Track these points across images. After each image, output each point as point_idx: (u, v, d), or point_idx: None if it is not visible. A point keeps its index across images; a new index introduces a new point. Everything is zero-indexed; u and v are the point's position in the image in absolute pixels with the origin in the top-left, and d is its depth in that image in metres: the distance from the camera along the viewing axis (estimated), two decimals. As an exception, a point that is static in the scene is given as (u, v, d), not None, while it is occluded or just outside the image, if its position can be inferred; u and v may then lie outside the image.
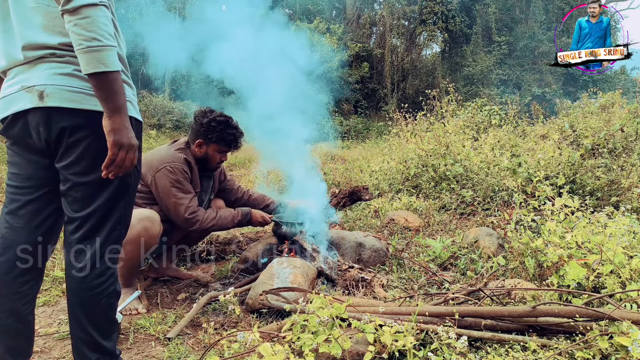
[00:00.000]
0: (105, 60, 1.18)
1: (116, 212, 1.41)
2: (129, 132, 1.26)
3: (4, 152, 8.40)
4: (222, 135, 2.49)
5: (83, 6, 1.13)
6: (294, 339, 1.54)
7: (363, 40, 19.20)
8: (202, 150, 2.53)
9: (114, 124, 1.23)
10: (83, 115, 1.29)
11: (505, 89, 17.79)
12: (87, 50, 1.16)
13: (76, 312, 1.40)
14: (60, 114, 1.28)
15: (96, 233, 1.38)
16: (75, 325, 1.40)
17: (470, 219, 3.99)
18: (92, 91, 1.27)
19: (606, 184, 3.90)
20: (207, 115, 2.50)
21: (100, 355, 1.41)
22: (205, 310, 2.27)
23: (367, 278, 2.46)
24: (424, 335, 1.73)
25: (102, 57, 1.18)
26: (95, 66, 1.17)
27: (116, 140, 1.23)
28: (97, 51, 1.17)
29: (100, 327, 1.40)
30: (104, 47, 1.18)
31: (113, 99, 1.22)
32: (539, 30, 19.37)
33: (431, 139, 5.47)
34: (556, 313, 1.67)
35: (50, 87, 1.27)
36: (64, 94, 1.28)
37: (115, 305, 1.47)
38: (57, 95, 1.27)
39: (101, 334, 1.41)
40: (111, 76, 1.20)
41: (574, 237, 2.21)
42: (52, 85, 1.27)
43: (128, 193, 1.44)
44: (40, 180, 1.41)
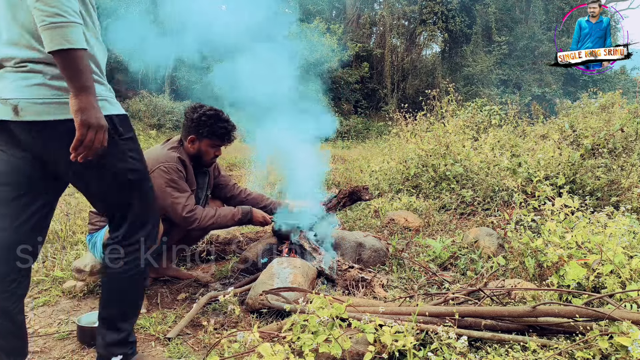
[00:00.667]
0: (69, 36, 1.13)
1: (131, 205, 1.48)
2: (97, 111, 1.21)
3: None
4: (214, 129, 2.47)
5: None
6: (294, 339, 1.54)
7: (363, 40, 19.21)
8: (195, 147, 2.51)
9: (80, 103, 1.19)
10: (58, 126, 1.28)
11: (505, 89, 17.79)
12: (50, 26, 1.11)
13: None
14: (38, 126, 1.28)
15: (119, 224, 1.49)
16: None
17: (470, 219, 3.99)
18: (64, 98, 1.26)
19: (606, 184, 3.90)
20: (197, 111, 2.48)
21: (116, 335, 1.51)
22: (205, 310, 2.27)
23: (367, 278, 2.46)
24: (424, 335, 1.73)
25: (66, 34, 1.13)
26: (60, 43, 1.13)
27: (84, 120, 1.19)
28: (60, 27, 1.12)
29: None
30: (68, 24, 1.13)
31: (79, 77, 1.17)
32: (539, 30, 19.37)
33: (431, 139, 5.47)
34: (556, 313, 1.67)
35: (23, 102, 1.26)
36: (37, 107, 1.26)
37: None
38: (31, 109, 1.26)
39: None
40: (76, 53, 1.16)
41: (574, 237, 2.21)
42: (24, 100, 1.26)
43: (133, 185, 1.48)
44: (25, 177, 1.41)
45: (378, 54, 18.82)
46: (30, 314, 2.26)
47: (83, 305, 2.36)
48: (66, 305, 2.35)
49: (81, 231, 3.27)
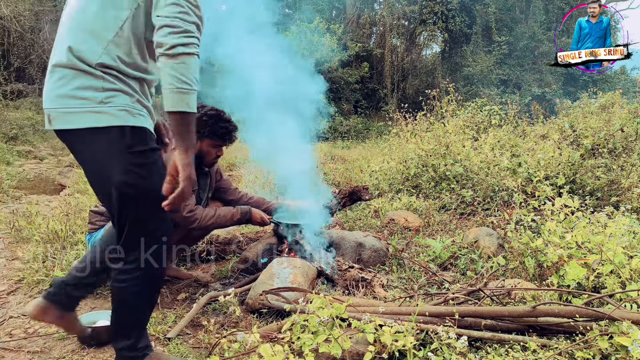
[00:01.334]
0: (190, 102, 1.30)
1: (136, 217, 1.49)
2: (193, 167, 1.36)
3: (4, 151, 8.40)
4: (214, 129, 2.46)
5: (183, 54, 1.27)
6: (294, 339, 1.54)
7: (363, 40, 19.19)
8: (197, 147, 2.51)
9: (187, 159, 1.32)
10: (80, 134, 1.37)
11: (505, 89, 17.78)
12: (177, 91, 1.28)
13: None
14: (64, 134, 1.41)
15: (117, 233, 1.50)
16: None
17: (470, 219, 3.99)
18: (85, 107, 1.34)
19: (606, 184, 3.90)
20: (198, 111, 2.45)
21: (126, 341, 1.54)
22: (205, 310, 2.27)
23: (367, 278, 2.46)
24: (424, 335, 1.73)
25: (188, 99, 1.30)
26: (181, 106, 1.29)
27: (188, 174, 1.32)
28: (185, 93, 1.29)
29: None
30: (191, 91, 1.30)
31: (190, 136, 1.33)
32: (539, 30, 19.36)
33: (431, 139, 5.47)
34: (556, 313, 1.67)
35: (54, 112, 1.38)
36: (65, 116, 1.37)
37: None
38: (60, 118, 1.38)
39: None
40: (191, 117, 1.32)
41: (574, 237, 2.21)
42: (54, 109, 1.38)
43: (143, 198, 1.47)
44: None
45: (378, 54, 18.81)
46: (30, 314, 2.26)
47: (83, 305, 2.35)
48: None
49: (81, 231, 3.27)
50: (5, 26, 13.62)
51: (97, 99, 1.34)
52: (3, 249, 3.30)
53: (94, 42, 1.34)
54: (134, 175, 1.39)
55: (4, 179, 5.95)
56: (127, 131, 1.36)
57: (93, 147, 1.37)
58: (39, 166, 7.85)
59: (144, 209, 1.45)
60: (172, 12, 1.27)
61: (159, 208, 1.38)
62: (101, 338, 1.93)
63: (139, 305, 1.57)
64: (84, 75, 1.34)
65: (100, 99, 1.34)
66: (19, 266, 2.90)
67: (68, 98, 1.35)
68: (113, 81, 1.36)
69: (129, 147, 1.37)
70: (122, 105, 1.37)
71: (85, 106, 1.34)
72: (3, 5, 12.66)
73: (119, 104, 1.36)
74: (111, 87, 1.35)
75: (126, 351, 1.55)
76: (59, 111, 1.36)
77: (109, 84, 1.35)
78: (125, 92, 1.38)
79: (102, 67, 1.34)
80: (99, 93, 1.34)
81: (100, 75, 1.34)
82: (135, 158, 1.39)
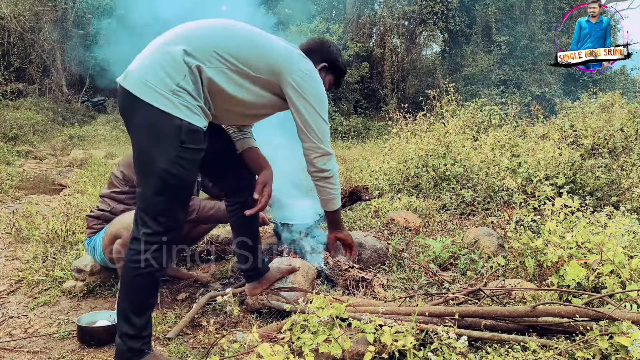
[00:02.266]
0: (337, 203, 1.92)
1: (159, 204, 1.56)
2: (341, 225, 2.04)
3: (4, 151, 8.40)
4: None
5: (333, 176, 1.85)
6: (293, 339, 1.54)
7: (363, 40, 19.17)
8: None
9: (341, 233, 2.03)
10: (145, 107, 1.50)
11: (505, 89, 17.78)
12: (331, 197, 1.89)
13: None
14: (132, 99, 1.53)
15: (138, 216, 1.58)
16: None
17: (470, 219, 3.99)
18: (159, 89, 1.48)
19: (606, 184, 3.89)
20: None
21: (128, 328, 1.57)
22: (205, 310, 2.27)
23: (367, 278, 2.46)
24: (424, 335, 1.72)
25: (337, 202, 1.91)
26: (334, 207, 1.92)
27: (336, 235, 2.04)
28: (335, 198, 1.90)
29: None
30: (337, 196, 1.90)
31: (341, 224, 2.02)
32: (539, 30, 19.36)
33: (431, 139, 5.47)
34: (556, 313, 1.67)
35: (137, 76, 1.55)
36: (142, 86, 1.51)
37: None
38: (138, 85, 1.51)
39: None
40: (339, 210, 1.98)
41: (574, 237, 2.21)
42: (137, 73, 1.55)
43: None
44: None
45: (378, 54, 18.79)
46: (30, 314, 2.26)
47: (83, 305, 2.36)
48: (66, 305, 2.35)
49: (81, 231, 3.27)
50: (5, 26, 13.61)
51: (171, 88, 1.48)
52: (3, 249, 3.30)
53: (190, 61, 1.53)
54: (178, 167, 1.51)
55: (4, 179, 5.95)
56: (184, 126, 1.49)
57: (151, 127, 1.48)
58: (39, 166, 7.86)
59: (170, 199, 1.54)
60: (315, 137, 1.76)
61: (182, 204, 1.59)
62: (101, 338, 1.93)
63: (143, 289, 1.60)
64: (173, 68, 1.50)
65: (172, 89, 1.48)
66: (19, 266, 2.90)
67: (154, 73, 1.49)
68: (189, 90, 1.52)
69: (182, 142, 1.49)
70: (186, 102, 1.50)
71: (160, 87, 1.47)
72: (3, 5, 12.66)
73: (184, 101, 1.50)
74: (185, 87, 1.51)
75: (127, 338, 1.58)
76: (141, 78, 1.48)
77: (183, 84, 1.51)
78: (192, 96, 1.53)
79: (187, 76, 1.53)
80: (174, 86, 1.49)
81: (182, 79, 1.51)
82: (184, 152, 1.50)
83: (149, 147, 1.50)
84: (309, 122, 1.73)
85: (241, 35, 1.65)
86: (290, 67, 1.66)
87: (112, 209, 2.40)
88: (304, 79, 1.69)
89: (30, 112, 12.22)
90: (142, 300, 1.60)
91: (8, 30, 13.72)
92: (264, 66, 1.63)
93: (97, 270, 2.50)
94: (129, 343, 1.56)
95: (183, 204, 1.62)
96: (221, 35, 1.61)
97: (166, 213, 1.56)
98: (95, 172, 6.32)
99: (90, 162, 7.24)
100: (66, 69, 15.35)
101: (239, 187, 2.00)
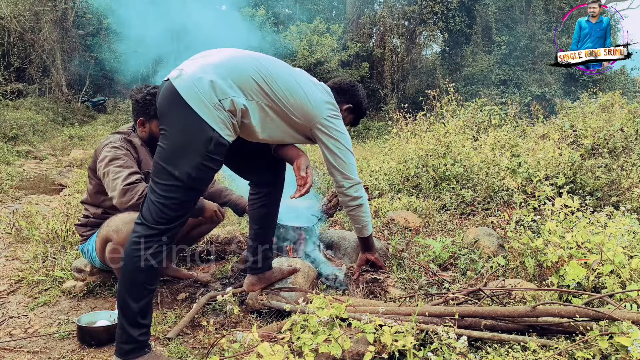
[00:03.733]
0: (370, 228, 2.32)
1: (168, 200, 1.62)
2: (374, 249, 2.51)
3: (4, 151, 8.40)
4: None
5: (364, 204, 2.21)
6: (293, 339, 1.54)
7: (363, 40, 19.17)
8: (146, 129, 2.40)
9: (372, 256, 2.50)
10: (189, 112, 1.60)
11: (505, 89, 17.77)
12: (364, 225, 2.28)
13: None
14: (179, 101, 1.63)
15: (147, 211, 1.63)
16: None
17: (470, 219, 3.99)
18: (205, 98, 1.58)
19: (606, 184, 3.89)
20: (142, 91, 2.36)
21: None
22: (205, 310, 2.27)
23: (379, 279, 2.44)
24: (424, 335, 1.72)
25: (369, 227, 2.31)
26: (367, 232, 2.32)
27: (368, 257, 2.51)
28: (368, 225, 2.29)
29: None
30: (369, 222, 2.29)
31: (373, 248, 2.47)
32: (539, 30, 19.35)
33: (431, 139, 5.46)
34: (556, 313, 1.67)
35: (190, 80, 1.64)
36: (191, 92, 1.60)
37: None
38: (188, 89, 1.61)
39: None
40: (372, 235, 2.41)
41: (574, 237, 2.21)
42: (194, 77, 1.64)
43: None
44: None
45: (378, 54, 18.79)
46: (30, 314, 2.26)
47: (83, 306, 2.36)
48: (66, 305, 2.35)
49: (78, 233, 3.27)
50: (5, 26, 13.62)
51: (214, 101, 1.59)
52: (3, 249, 3.30)
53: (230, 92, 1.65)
54: (199, 172, 1.60)
55: (4, 179, 5.95)
56: (215, 138, 1.58)
57: (187, 130, 1.57)
58: (39, 166, 7.86)
59: (180, 200, 1.61)
60: (348, 173, 2.10)
61: (190, 206, 1.66)
62: (101, 338, 1.93)
63: (137, 285, 1.62)
64: (221, 89, 1.62)
65: (215, 103, 1.59)
66: (19, 266, 2.90)
67: (203, 86, 1.59)
68: (228, 106, 1.63)
69: (209, 151, 1.59)
70: (224, 117, 1.61)
71: (206, 98, 1.58)
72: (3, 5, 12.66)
73: (222, 115, 1.61)
74: (224, 105, 1.61)
75: (127, 328, 1.61)
76: (192, 84, 1.58)
77: (223, 102, 1.61)
78: (230, 112, 1.64)
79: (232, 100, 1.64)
80: (217, 100, 1.60)
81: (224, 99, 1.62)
82: (208, 161, 1.60)
83: (179, 148, 1.58)
84: (340, 157, 2.03)
85: (287, 79, 1.80)
86: (320, 114, 1.93)
87: (93, 214, 2.43)
88: (331, 122, 1.98)
89: (30, 112, 12.22)
90: (139, 287, 1.62)
91: (8, 30, 13.72)
92: (299, 111, 1.85)
93: (97, 271, 2.50)
94: (130, 331, 1.58)
95: (191, 202, 1.68)
96: (268, 72, 1.75)
97: (173, 208, 1.61)
98: (95, 172, 6.31)
99: (90, 162, 7.24)
100: (66, 69, 15.35)
101: (266, 177, 2.10)
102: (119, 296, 1.62)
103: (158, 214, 1.59)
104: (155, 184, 1.60)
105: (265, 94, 1.72)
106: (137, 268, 1.60)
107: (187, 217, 1.69)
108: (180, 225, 1.66)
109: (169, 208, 1.59)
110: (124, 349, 1.59)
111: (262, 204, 2.09)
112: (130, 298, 1.59)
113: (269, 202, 2.10)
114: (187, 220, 1.71)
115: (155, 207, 1.59)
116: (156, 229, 1.60)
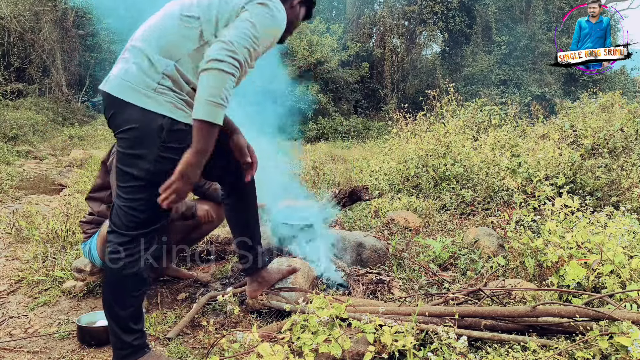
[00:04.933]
0: (218, 115, 1.41)
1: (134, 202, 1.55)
2: (196, 170, 1.46)
3: (4, 151, 8.40)
4: None
5: (223, 71, 1.40)
6: (293, 339, 1.54)
7: (363, 40, 19.19)
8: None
9: (194, 160, 1.44)
10: (128, 108, 1.51)
11: (505, 89, 17.78)
12: (211, 103, 1.40)
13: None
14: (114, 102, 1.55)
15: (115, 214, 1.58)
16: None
17: (470, 219, 3.99)
18: (140, 88, 1.47)
19: (606, 184, 3.89)
20: None
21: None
22: (205, 310, 2.27)
23: (385, 280, 2.43)
24: (424, 335, 1.72)
25: (218, 113, 1.41)
26: (211, 117, 1.40)
27: (184, 171, 1.45)
28: (216, 107, 1.40)
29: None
30: (222, 106, 1.42)
31: (208, 143, 1.46)
32: (539, 30, 19.35)
33: (431, 139, 5.47)
34: (556, 313, 1.67)
35: (115, 79, 1.56)
36: (122, 88, 1.52)
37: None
38: (118, 86, 1.53)
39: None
40: (215, 129, 1.44)
41: (574, 237, 2.21)
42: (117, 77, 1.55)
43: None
44: None
45: (378, 54, 18.80)
46: (30, 314, 2.26)
47: (83, 305, 2.36)
48: (66, 305, 2.35)
49: (81, 231, 3.27)
50: (5, 26, 13.61)
51: (152, 86, 1.48)
52: (3, 249, 3.30)
53: (166, 57, 1.50)
54: (158, 165, 1.51)
55: (4, 179, 5.95)
56: (166, 125, 1.48)
57: (134, 127, 1.48)
58: (39, 166, 7.86)
59: (146, 199, 1.53)
60: (232, 37, 1.43)
61: (158, 205, 1.50)
62: (101, 338, 1.93)
63: (124, 290, 1.60)
64: (150, 69, 1.49)
65: (154, 87, 1.48)
66: (19, 266, 2.90)
67: (132, 75, 1.49)
68: (169, 84, 1.50)
69: (163, 141, 1.49)
70: (170, 98, 1.49)
71: (142, 87, 1.47)
72: (3, 5, 12.66)
73: (168, 98, 1.49)
74: (165, 84, 1.49)
75: (118, 329, 1.60)
76: (120, 80, 1.49)
77: (163, 82, 1.49)
78: (175, 91, 1.51)
79: (165, 74, 1.49)
80: (155, 84, 1.48)
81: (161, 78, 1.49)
82: (165, 152, 1.50)
83: (134, 146, 1.50)
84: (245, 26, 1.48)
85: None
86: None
87: (97, 212, 2.43)
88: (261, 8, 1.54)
89: (30, 112, 12.23)
90: (124, 295, 1.59)
91: (8, 30, 13.72)
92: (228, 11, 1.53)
93: (97, 270, 2.50)
94: (122, 337, 1.57)
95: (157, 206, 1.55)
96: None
97: (140, 209, 1.54)
98: (95, 172, 6.32)
99: (90, 162, 7.25)
100: (66, 69, 15.36)
101: (225, 171, 1.94)
102: (105, 304, 1.59)
103: (127, 218, 1.53)
104: (119, 188, 1.55)
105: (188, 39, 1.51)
106: (119, 278, 1.56)
107: (161, 219, 1.61)
108: (154, 230, 1.59)
109: (136, 210, 1.53)
110: (121, 354, 1.58)
111: (231, 208, 2.01)
112: (117, 307, 1.57)
113: (238, 202, 2.00)
114: (162, 224, 1.62)
115: (123, 212, 1.53)
116: (128, 235, 1.54)
